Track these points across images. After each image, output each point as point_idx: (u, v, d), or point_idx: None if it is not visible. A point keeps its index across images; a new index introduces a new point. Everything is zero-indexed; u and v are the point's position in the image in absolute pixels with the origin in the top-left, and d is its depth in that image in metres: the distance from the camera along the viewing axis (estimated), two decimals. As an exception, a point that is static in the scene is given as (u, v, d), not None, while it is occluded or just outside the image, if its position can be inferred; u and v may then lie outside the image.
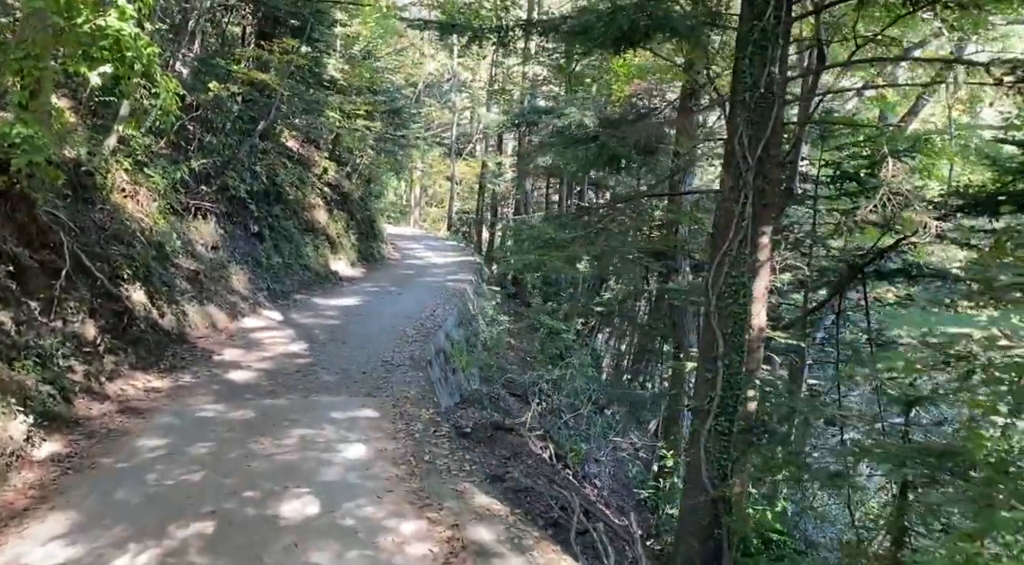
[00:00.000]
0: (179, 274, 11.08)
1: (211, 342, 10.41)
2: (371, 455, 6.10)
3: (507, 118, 21.07)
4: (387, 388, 8.45)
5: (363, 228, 21.95)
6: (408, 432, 6.63)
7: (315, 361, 9.76)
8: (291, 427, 6.76)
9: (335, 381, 8.76)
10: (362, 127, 17.16)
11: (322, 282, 16.78)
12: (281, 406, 7.51)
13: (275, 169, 16.21)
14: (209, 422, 6.87)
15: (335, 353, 10.31)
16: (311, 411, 7.35)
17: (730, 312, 5.65)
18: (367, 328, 12.25)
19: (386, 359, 10.11)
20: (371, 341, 11.23)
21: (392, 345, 11.06)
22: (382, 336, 11.65)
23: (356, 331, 11.94)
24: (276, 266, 14.93)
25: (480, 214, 30.10)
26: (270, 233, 15.21)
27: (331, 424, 6.90)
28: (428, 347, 11.20)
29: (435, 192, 42.49)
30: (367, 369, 9.44)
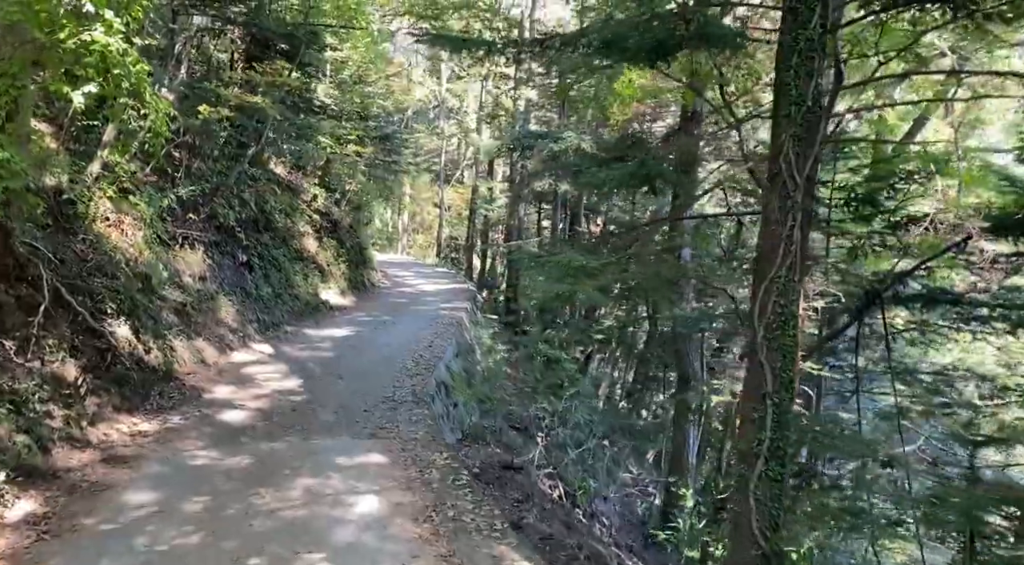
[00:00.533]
0: (166, 307, 10.48)
1: (200, 379, 9.80)
2: (387, 510, 5.52)
3: (502, 143, 20.68)
4: (392, 428, 7.88)
5: (353, 256, 21.38)
6: (424, 481, 6.06)
7: (312, 398, 9.18)
8: (294, 476, 6.17)
9: (335, 421, 8.18)
10: (353, 153, 16.66)
11: (313, 312, 16.18)
12: (280, 451, 6.91)
13: (264, 196, 15.69)
14: (203, 471, 6.27)
15: (332, 389, 9.73)
16: (313, 456, 6.76)
17: (779, 345, 5.17)
18: (363, 361, 11.68)
19: (387, 395, 9.54)
20: (369, 375, 10.66)
21: (392, 379, 10.50)
22: (380, 369, 11.08)
23: (352, 364, 11.36)
24: (266, 296, 14.34)
25: (470, 240, 29.63)
26: (259, 262, 14.64)
27: (338, 472, 6.32)
28: (430, 380, 10.65)
29: (423, 219, 42.05)
30: (368, 406, 8.87)
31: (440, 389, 11.01)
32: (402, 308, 18.41)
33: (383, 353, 12.40)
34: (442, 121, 32.78)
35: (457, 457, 7.38)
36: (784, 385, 5.17)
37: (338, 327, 14.87)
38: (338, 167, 20.48)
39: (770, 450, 5.12)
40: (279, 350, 12.27)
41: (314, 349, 12.55)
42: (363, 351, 12.53)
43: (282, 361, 11.46)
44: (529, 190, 21.66)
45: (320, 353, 12.19)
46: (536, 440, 13.62)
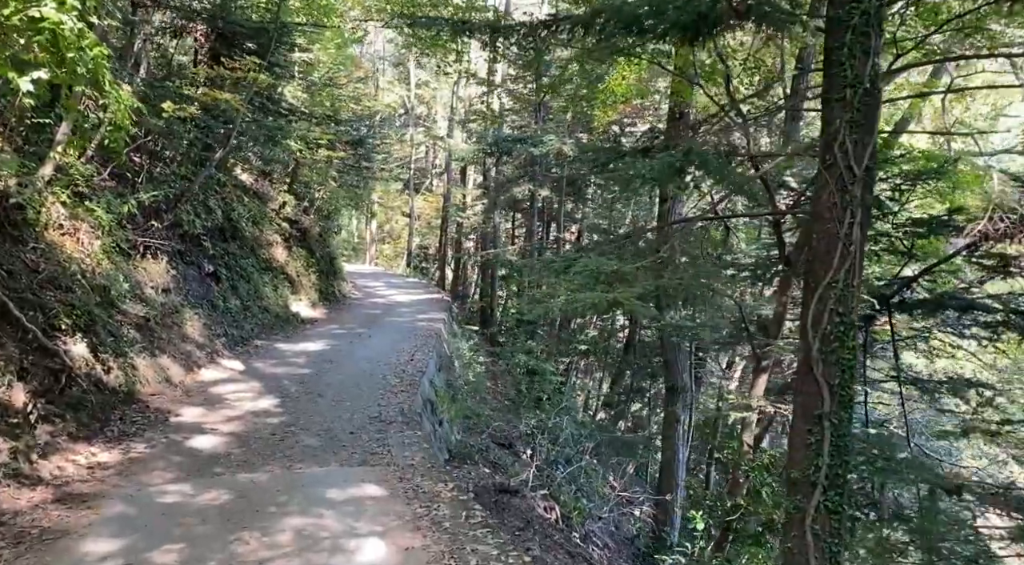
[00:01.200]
0: (126, 322, 9.61)
1: (166, 400, 8.95)
2: (397, 559, 4.75)
3: (479, 147, 20.06)
4: (384, 453, 7.13)
5: (323, 266, 20.55)
6: (433, 519, 5.33)
7: (291, 420, 8.39)
8: (281, 515, 5.40)
9: (320, 445, 7.40)
10: (325, 157, 15.86)
11: (283, 325, 15.35)
12: (262, 483, 6.13)
13: (231, 203, 14.85)
14: (175, 510, 5.48)
15: (312, 409, 8.95)
16: (301, 489, 6.00)
17: (837, 359, 4.58)
18: (343, 377, 10.90)
19: (373, 414, 8.79)
20: (350, 392, 9.90)
21: (376, 396, 9.75)
22: (362, 386, 10.32)
23: (332, 381, 10.58)
24: (234, 309, 13.49)
25: (442, 249, 28.88)
26: (227, 273, 13.78)
27: (331, 508, 5.57)
28: (416, 398, 9.91)
29: (391, 228, 41.18)
30: (354, 428, 8.11)
31: (427, 406, 10.29)
32: (377, 320, 17.63)
33: (363, 368, 11.63)
34: (411, 128, 32.03)
35: (468, 490, 6.66)
36: (843, 404, 4.57)
37: (311, 341, 14.06)
38: (307, 173, 19.64)
39: (828, 478, 4.52)
40: (250, 366, 11.44)
41: (288, 365, 11.74)
42: (341, 366, 11.75)
43: (255, 378, 10.64)
44: (506, 197, 21.02)
45: (295, 369, 11.39)
46: (522, 457, 12.96)
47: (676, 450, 15.11)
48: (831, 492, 4.52)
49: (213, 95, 9.58)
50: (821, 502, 4.52)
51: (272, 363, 11.83)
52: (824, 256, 4.63)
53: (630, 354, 16.98)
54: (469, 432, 12.41)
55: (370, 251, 37.02)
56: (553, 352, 18.17)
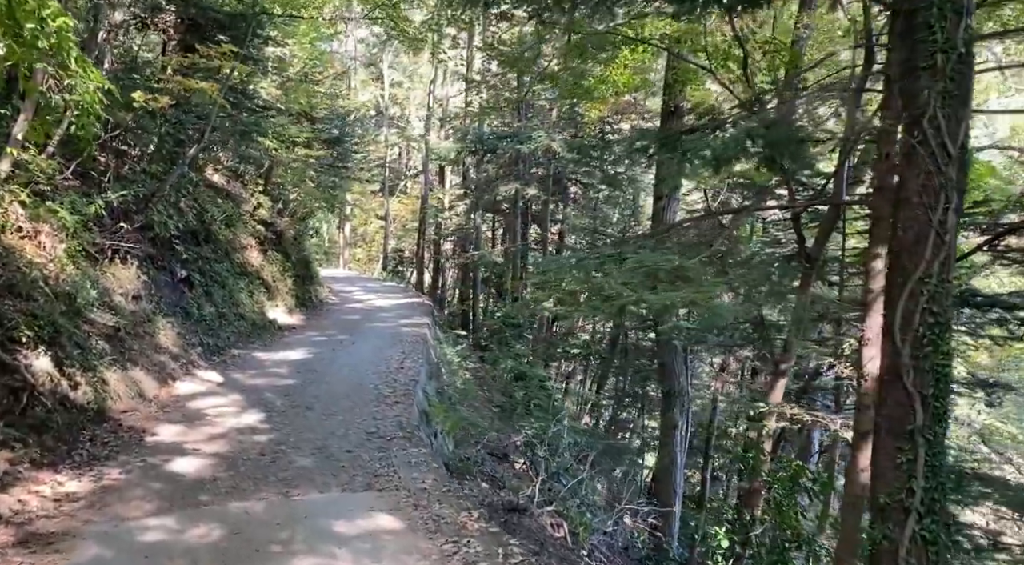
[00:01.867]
0: (95, 332, 8.79)
1: (140, 417, 8.15)
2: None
3: (462, 146, 19.35)
4: (391, 475, 6.43)
5: (299, 270, 19.71)
6: (465, 559, 4.65)
7: (280, 437, 7.65)
8: (286, 555, 4.69)
9: (316, 466, 6.68)
10: (302, 156, 15.08)
11: (260, 333, 14.53)
12: (257, 514, 5.40)
13: (203, 205, 14.02)
14: (159, 551, 4.74)
15: (302, 424, 8.21)
16: (303, 521, 5.28)
17: (931, 365, 4.00)
18: (331, 387, 10.17)
19: (369, 429, 8.08)
20: (341, 405, 9.18)
21: (369, 409, 9.04)
22: (353, 397, 9.60)
23: (319, 392, 9.84)
24: (209, 317, 12.66)
25: (420, 252, 28.11)
26: (200, 278, 12.95)
27: (342, 546, 4.85)
28: (412, 410, 9.22)
29: (364, 231, 40.26)
30: (352, 445, 7.39)
31: (422, 418, 9.60)
32: (358, 326, 16.85)
33: (351, 378, 10.90)
34: (385, 129, 31.22)
35: (498, 520, 5.98)
36: (937, 418, 3.99)
37: (292, 349, 13.27)
38: (282, 174, 18.81)
39: (924, 504, 3.93)
40: (229, 378, 10.65)
41: (269, 376, 10.96)
42: (327, 376, 11.00)
43: (235, 391, 9.86)
44: (489, 197, 20.35)
45: (278, 380, 10.62)
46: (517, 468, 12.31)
47: (674, 456, 14.58)
48: (927, 519, 3.94)
49: (187, 84, 8.80)
50: (916, 531, 3.94)
51: (252, 374, 11.05)
52: (913, 247, 4.05)
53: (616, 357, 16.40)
54: (462, 443, 11.73)
55: (343, 255, 36.10)
56: (541, 356, 17.54)
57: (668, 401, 14.40)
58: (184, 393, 9.53)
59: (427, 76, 36.86)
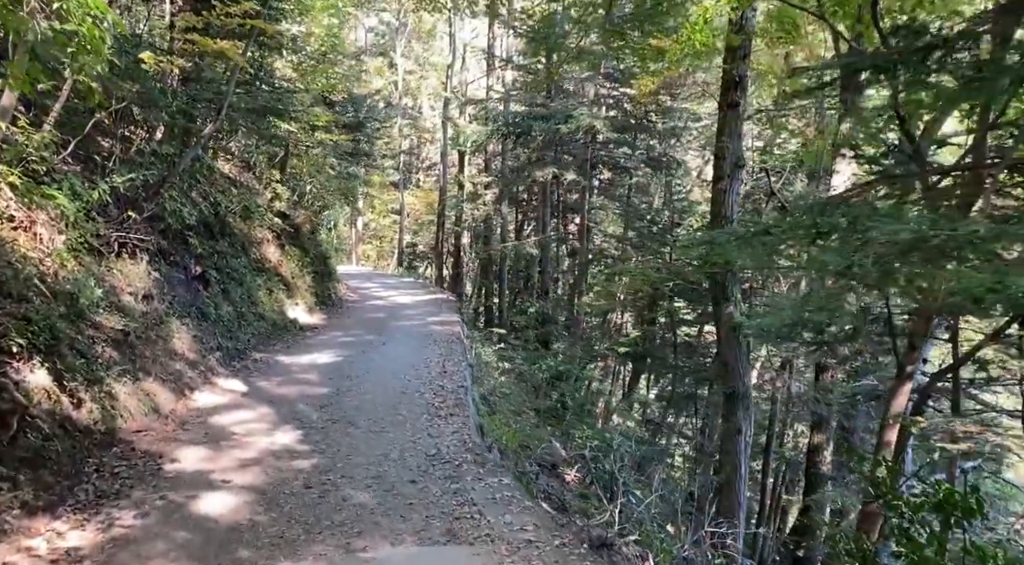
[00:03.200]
0: (100, 338, 7.53)
1: (156, 438, 6.89)
2: None
3: (493, 128, 18.00)
4: (473, 516, 5.13)
5: (317, 266, 18.42)
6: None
7: (326, 462, 6.37)
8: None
9: (378, 505, 5.39)
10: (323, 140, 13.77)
11: (281, 334, 13.28)
12: (317, 580, 4.12)
13: (218, 194, 12.76)
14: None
15: (348, 444, 6.92)
16: (381, 593, 4.00)
17: None
18: (372, 397, 8.89)
19: (429, 450, 6.79)
20: (389, 418, 7.90)
21: (422, 423, 7.75)
22: (400, 409, 8.32)
23: (360, 403, 8.56)
24: (227, 317, 11.39)
25: (439, 246, 26.79)
26: (216, 275, 11.68)
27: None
28: (470, 423, 7.93)
29: (377, 226, 38.93)
30: (415, 474, 6.11)
31: (478, 432, 8.31)
32: (384, 325, 15.57)
33: (391, 385, 9.62)
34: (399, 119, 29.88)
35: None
36: None
37: (318, 351, 12.00)
38: (298, 163, 17.54)
39: None
40: (254, 386, 9.39)
41: (299, 383, 9.69)
42: (364, 383, 9.72)
43: (262, 402, 8.58)
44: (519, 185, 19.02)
45: (310, 388, 9.35)
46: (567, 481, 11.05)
47: (738, 465, 13.23)
48: None
49: (203, 44, 7.49)
50: None
51: (279, 381, 9.78)
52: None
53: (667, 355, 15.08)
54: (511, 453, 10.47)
55: (356, 251, 34.81)
56: (581, 354, 16.24)
57: (731, 404, 13.07)
58: (205, 406, 8.26)
59: (441, 64, 35.61)
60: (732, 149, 12.73)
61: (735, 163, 12.69)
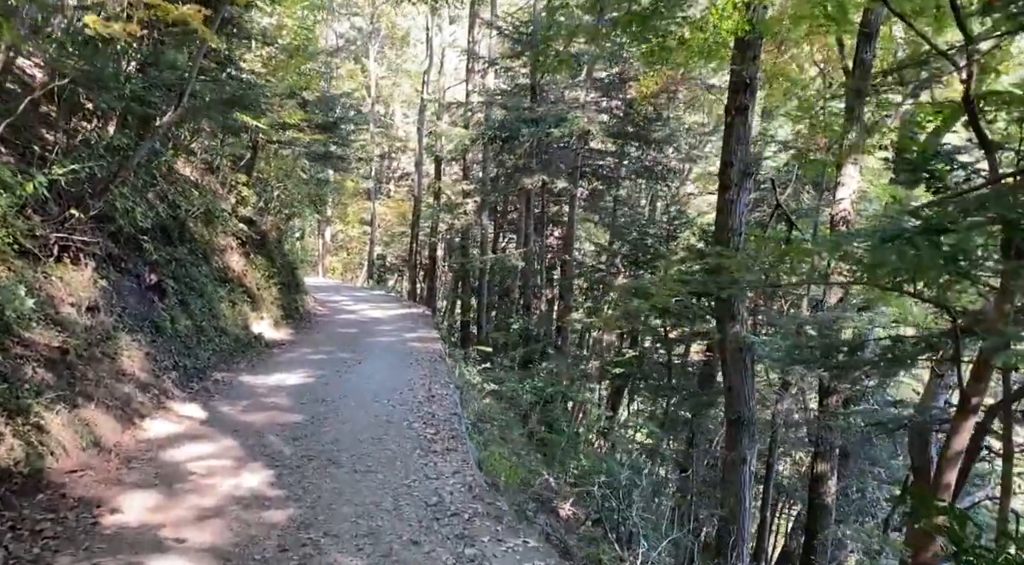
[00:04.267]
0: (31, 357, 6.30)
1: (95, 480, 5.67)
2: None
3: (478, 133, 16.87)
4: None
5: (284, 277, 17.14)
6: None
7: (304, 515, 5.20)
8: None
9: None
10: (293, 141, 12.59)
11: (245, 350, 12.05)
12: None
13: (177, 195, 11.54)
14: None
15: (330, 489, 5.77)
16: None
17: None
18: (353, 427, 7.74)
19: (428, 498, 5.67)
20: (376, 454, 6.76)
21: (415, 461, 6.63)
22: (387, 442, 7.18)
23: (339, 434, 7.40)
24: (185, 332, 10.15)
25: (413, 257, 25.58)
26: (174, 285, 10.43)
27: None
28: (470, 461, 6.83)
29: (344, 237, 37.54)
30: (415, 530, 4.98)
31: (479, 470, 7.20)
32: (358, 341, 14.38)
33: (374, 411, 8.48)
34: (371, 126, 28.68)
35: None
36: None
37: (287, 371, 10.81)
38: (266, 167, 16.29)
39: None
40: (215, 412, 8.18)
41: (267, 408, 8.50)
42: (342, 409, 8.56)
43: (225, 432, 7.39)
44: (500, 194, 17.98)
45: (280, 415, 8.16)
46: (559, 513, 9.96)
47: (742, 498, 12.26)
48: None
49: (165, 8, 6.32)
50: None
51: (244, 406, 8.58)
52: None
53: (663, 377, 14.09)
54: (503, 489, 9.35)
55: (324, 262, 33.41)
56: (573, 375, 15.17)
57: (735, 431, 12.11)
58: (157, 437, 7.05)
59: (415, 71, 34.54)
60: (740, 156, 11.86)
61: (743, 171, 11.82)
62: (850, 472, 14.86)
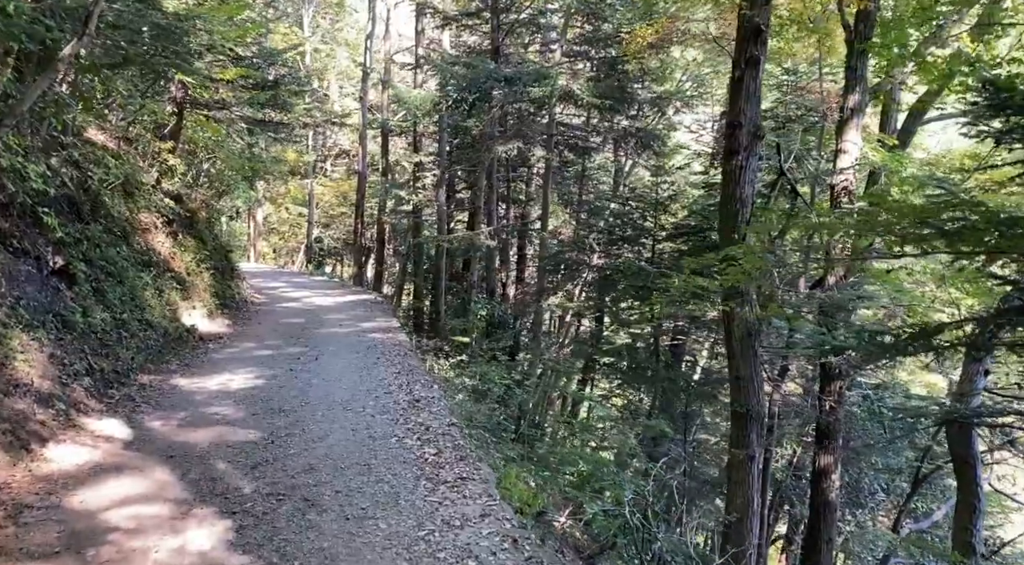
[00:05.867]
0: None
1: (-36, 554, 3.83)
2: None
3: (441, 94, 14.86)
4: None
5: (217, 261, 15.03)
6: None
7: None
8: None
9: None
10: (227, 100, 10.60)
11: (176, 347, 10.14)
12: None
13: (88, 163, 9.51)
14: None
15: (317, 551, 4.07)
16: None
17: None
18: (328, 446, 6.00)
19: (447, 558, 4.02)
20: (366, 491, 5.06)
21: (424, 499, 4.97)
22: (378, 469, 5.48)
23: (312, 460, 5.66)
24: (101, 327, 8.18)
25: (359, 239, 23.56)
26: (86, 269, 8.43)
27: None
28: (492, 492, 5.19)
29: (276, 219, 34.98)
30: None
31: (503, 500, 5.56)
32: (308, 333, 12.53)
33: (348, 423, 6.74)
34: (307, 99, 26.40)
35: None
36: None
37: (229, 370, 8.97)
38: (192, 135, 14.14)
39: None
40: (143, 429, 6.36)
41: (209, 422, 6.69)
42: (306, 421, 6.80)
43: (157, 459, 5.59)
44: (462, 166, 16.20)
45: (228, 432, 6.37)
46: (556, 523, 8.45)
47: (750, 500, 10.92)
48: None
49: None
50: None
51: (180, 420, 6.76)
52: None
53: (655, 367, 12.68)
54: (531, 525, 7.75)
55: (256, 247, 30.93)
56: (557, 366, 13.58)
57: (743, 425, 10.76)
58: (63, 470, 5.21)
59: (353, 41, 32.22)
60: (750, 116, 10.47)
61: (753, 133, 10.45)
62: (841, 458, 13.79)
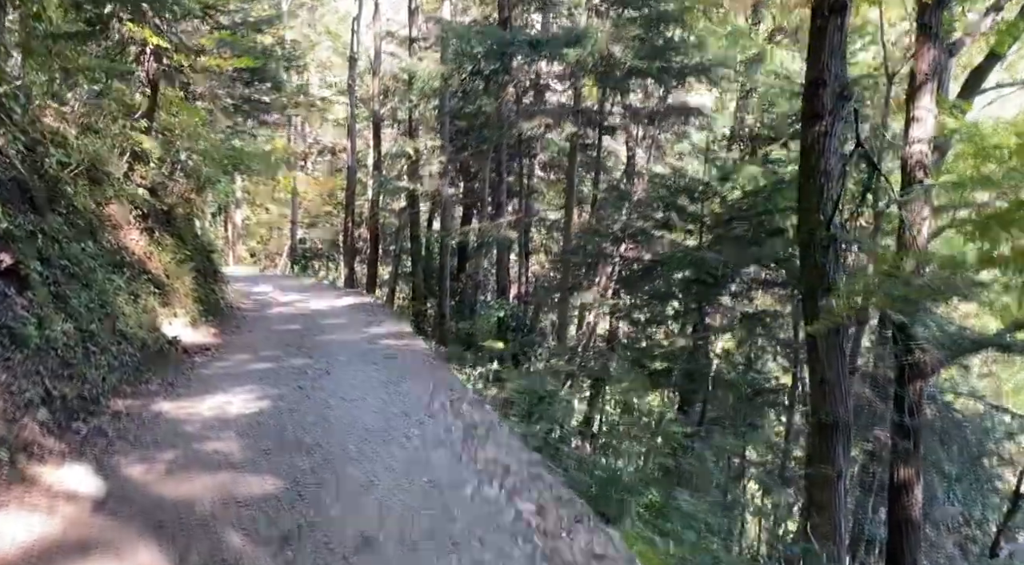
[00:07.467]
0: None
1: None
2: None
3: (454, 66, 13.12)
4: None
5: (199, 262, 13.20)
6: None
7: None
8: None
9: None
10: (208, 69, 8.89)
11: (158, 362, 8.42)
12: None
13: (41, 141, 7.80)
14: None
15: None
16: None
17: None
18: (384, 505, 4.34)
19: None
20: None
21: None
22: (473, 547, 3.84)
23: (366, 529, 4.00)
24: (63, 341, 6.41)
25: (349, 238, 21.83)
26: (42, 270, 6.68)
27: None
28: None
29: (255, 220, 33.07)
30: None
31: None
32: (308, 342, 10.82)
33: (399, 465, 5.09)
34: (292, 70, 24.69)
35: None
36: None
37: (223, 391, 7.29)
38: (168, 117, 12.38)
39: None
40: (119, 480, 4.71)
41: (207, 465, 5.02)
42: (339, 461, 5.13)
43: (141, 528, 3.94)
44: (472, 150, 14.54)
45: (234, 480, 4.70)
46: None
47: (837, 524, 9.38)
48: None
49: None
50: None
51: (169, 463, 5.07)
52: None
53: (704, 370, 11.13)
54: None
55: (236, 249, 29.04)
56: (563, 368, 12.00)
57: (828, 438, 9.22)
58: (12, 549, 3.49)
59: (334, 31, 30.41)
60: (835, 73, 8.98)
61: (840, 93, 8.95)
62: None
